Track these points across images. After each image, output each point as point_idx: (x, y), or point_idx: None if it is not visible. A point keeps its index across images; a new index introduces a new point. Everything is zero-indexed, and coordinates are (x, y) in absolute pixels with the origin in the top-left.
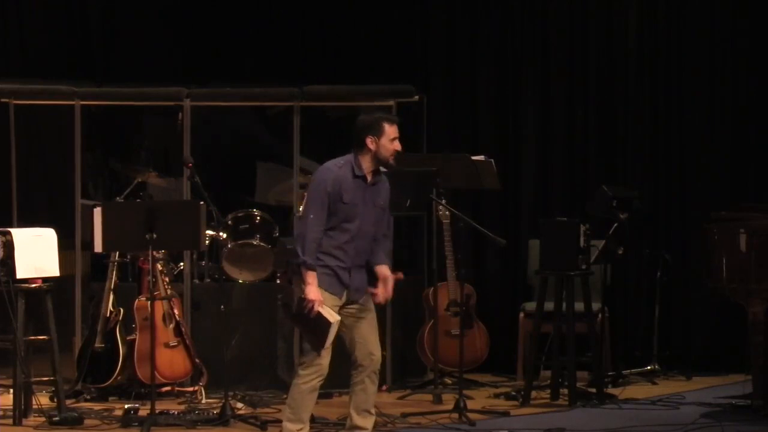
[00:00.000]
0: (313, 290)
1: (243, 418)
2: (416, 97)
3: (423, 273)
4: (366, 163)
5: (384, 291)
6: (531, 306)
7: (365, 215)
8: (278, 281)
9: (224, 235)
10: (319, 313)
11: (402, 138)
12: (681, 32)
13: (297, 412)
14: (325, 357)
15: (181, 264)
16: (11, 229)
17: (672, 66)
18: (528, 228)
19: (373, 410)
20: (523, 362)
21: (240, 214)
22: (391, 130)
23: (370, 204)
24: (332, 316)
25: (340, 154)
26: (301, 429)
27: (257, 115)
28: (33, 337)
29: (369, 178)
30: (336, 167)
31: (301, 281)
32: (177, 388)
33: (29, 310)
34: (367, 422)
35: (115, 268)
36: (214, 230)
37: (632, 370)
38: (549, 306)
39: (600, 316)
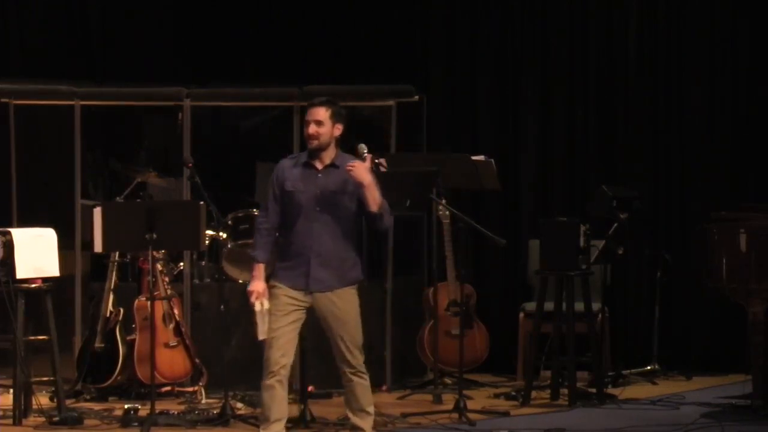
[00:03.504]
0: (254, 283)
1: (243, 418)
2: (416, 97)
3: (423, 273)
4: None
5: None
6: (531, 306)
7: (311, 201)
8: None
9: (224, 235)
10: (255, 305)
11: (402, 138)
12: (681, 32)
13: (262, 412)
14: (271, 353)
15: (181, 264)
16: (11, 229)
17: (672, 66)
18: (528, 228)
19: (369, 408)
20: (523, 362)
21: (240, 214)
22: (307, 114)
23: (316, 190)
24: (262, 306)
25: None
26: (264, 429)
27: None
28: (33, 337)
29: (319, 165)
30: (288, 159)
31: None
32: (177, 388)
33: (29, 310)
34: (364, 422)
35: (115, 268)
36: (214, 230)
37: (632, 370)
38: (549, 306)
39: (600, 316)
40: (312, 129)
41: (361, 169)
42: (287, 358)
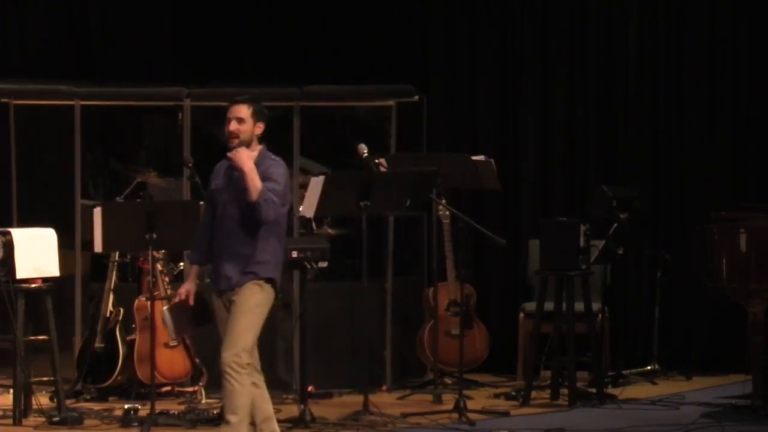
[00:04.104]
0: (184, 284)
1: None
2: (416, 97)
3: (423, 273)
4: None
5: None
6: (531, 306)
7: (229, 200)
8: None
9: None
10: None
11: (402, 138)
12: (681, 32)
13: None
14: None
15: (181, 264)
16: (11, 229)
17: (672, 66)
18: (528, 228)
19: (230, 417)
20: (523, 362)
21: None
22: (228, 112)
23: (232, 188)
24: (164, 308)
25: (341, 153)
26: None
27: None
28: (33, 337)
29: None
30: (225, 159)
31: None
32: (177, 388)
33: (29, 310)
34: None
35: (115, 268)
36: None
37: (632, 370)
38: (549, 306)
39: (600, 316)
40: (232, 126)
41: (242, 156)
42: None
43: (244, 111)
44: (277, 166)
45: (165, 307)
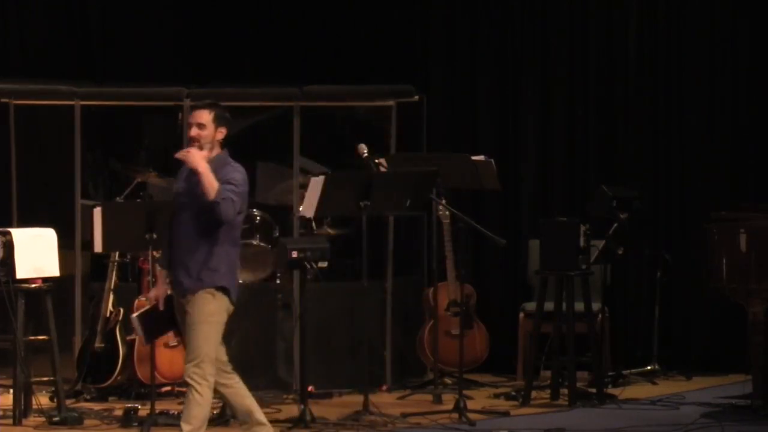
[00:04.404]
0: (153, 288)
1: None
2: (416, 97)
3: (423, 273)
4: None
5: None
6: (531, 306)
7: (183, 204)
8: (278, 281)
9: None
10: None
11: (402, 138)
12: (681, 32)
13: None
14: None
15: None
16: (11, 229)
17: (672, 66)
18: (528, 228)
19: (184, 426)
20: (523, 362)
21: None
22: (189, 117)
23: (190, 194)
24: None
25: (341, 153)
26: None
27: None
28: (33, 337)
29: None
30: None
31: None
32: (177, 388)
33: (29, 310)
34: None
35: (115, 268)
36: None
37: (632, 370)
38: (549, 306)
39: (600, 316)
40: (194, 132)
41: (195, 156)
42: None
43: (205, 116)
44: (235, 172)
45: (134, 314)
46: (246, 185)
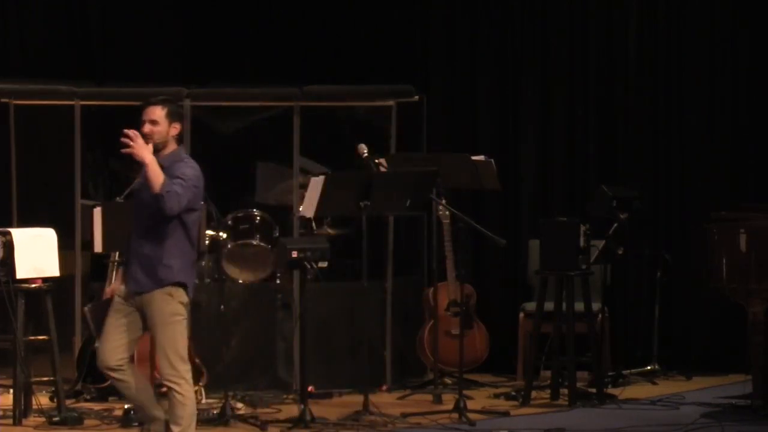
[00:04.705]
0: (112, 283)
1: (243, 418)
2: (416, 97)
3: (423, 273)
4: None
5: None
6: (531, 306)
7: (140, 200)
8: (278, 281)
9: (224, 235)
10: None
11: (402, 138)
12: (681, 32)
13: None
14: (99, 351)
15: None
16: (11, 229)
17: (672, 66)
18: (528, 228)
19: (174, 428)
20: (523, 362)
21: (240, 214)
22: (142, 114)
23: (146, 189)
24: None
25: (341, 153)
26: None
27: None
28: (33, 337)
29: (159, 163)
30: None
31: None
32: None
33: (29, 310)
34: None
35: (115, 268)
36: (214, 230)
37: (632, 370)
38: (549, 306)
39: (600, 316)
40: (146, 128)
41: (140, 148)
42: (115, 355)
43: (158, 112)
44: (187, 168)
45: (86, 307)
46: (198, 181)
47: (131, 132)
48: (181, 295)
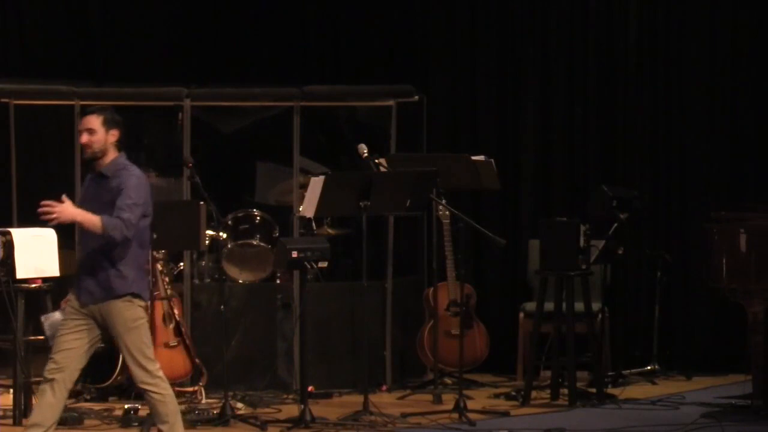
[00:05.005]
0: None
1: (243, 418)
2: (416, 97)
3: (423, 273)
4: None
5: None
6: (531, 306)
7: (89, 210)
8: (278, 281)
9: (224, 235)
10: None
11: (402, 138)
12: (681, 32)
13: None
14: (50, 359)
15: (181, 264)
16: (11, 229)
17: (672, 66)
18: (528, 228)
19: (163, 427)
20: (523, 362)
21: (240, 214)
22: (79, 125)
23: (91, 200)
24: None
25: (341, 153)
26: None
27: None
28: (33, 337)
29: (101, 173)
30: None
31: None
32: (177, 388)
33: (29, 310)
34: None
35: None
36: (214, 230)
37: (632, 370)
38: (549, 306)
39: (600, 316)
40: (84, 138)
41: (62, 212)
42: (63, 365)
43: (93, 121)
44: (129, 177)
45: (43, 316)
46: (143, 188)
47: (45, 203)
48: (138, 303)
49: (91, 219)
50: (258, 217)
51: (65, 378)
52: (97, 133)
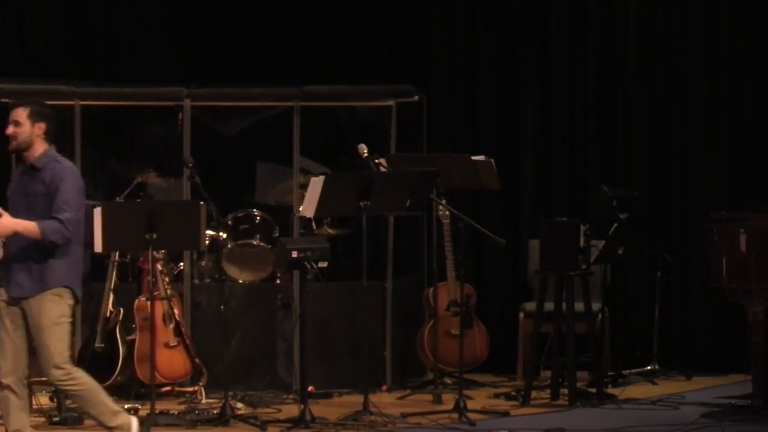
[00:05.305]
0: None
1: (243, 418)
2: (416, 97)
3: (423, 273)
4: None
5: None
6: (531, 306)
7: (15, 204)
8: (278, 281)
9: (224, 235)
10: None
11: (402, 138)
12: (681, 32)
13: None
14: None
15: (181, 264)
16: None
17: (672, 66)
18: (528, 228)
19: (94, 413)
20: (523, 362)
21: (240, 214)
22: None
23: (21, 193)
24: None
25: (341, 153)
26: None
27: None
28: None
29: (32, 165)
30: None
31: None
32: (177, 388)
33: None
34: (110, 425)
35: (115, 268)
36: (214, 230)
37: (632, 370)
38: (549, 306)
39: (600, 316)
40: (9, 130)
41: (4, 227)
42: (12, 366)
43: (20, 114)
44: (62, 171)
45: None
46: (76, 181)
47: None
48: (68, 298)
49: (28, 227)
50: (258, 217)
51: (19, 375)
52: (23, 126)
